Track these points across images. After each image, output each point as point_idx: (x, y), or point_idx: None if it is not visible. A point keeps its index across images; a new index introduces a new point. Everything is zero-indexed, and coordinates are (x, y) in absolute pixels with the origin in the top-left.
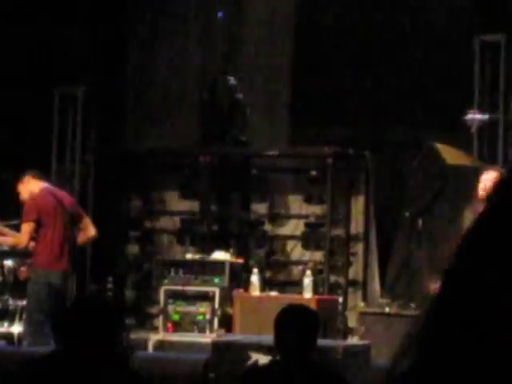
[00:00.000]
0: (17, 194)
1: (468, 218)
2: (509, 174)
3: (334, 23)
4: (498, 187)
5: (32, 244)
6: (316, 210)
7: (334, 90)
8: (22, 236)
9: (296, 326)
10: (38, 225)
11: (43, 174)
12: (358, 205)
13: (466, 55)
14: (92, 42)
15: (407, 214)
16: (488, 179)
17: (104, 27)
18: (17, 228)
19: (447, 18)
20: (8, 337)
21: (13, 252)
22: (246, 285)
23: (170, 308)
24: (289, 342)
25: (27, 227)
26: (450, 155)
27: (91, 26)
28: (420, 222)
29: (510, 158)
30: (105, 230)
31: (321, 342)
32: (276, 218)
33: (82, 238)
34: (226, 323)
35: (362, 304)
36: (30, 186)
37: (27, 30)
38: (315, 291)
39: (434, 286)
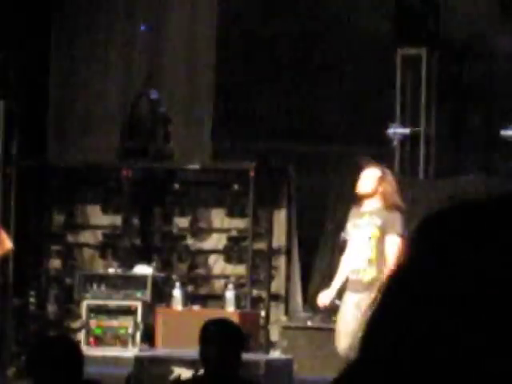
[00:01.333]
0: None
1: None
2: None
3: (256, 35)
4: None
5: None
6: (238, 223)
7: (257, 103)
8: None
9: (219, 339)
10: None
11: None
12: (280, 218)
13: (388, 69)
14: (13, 55)
15: (329, 227)
16: (363, 176)
17: (25, 41)
18: None
19: (370, 31)
20: None
21: None
22: (169, 299)
23: (93, 322)
24: (212, 356)
25: None
26: None
27: (13, 40)
28: (342, 235)
29: (430, 172)
30: (27, 244)
31: (243, 356)
32: (198, 231)
33: None
34: (149, 337)
35: (284, 318)
36: None
37: None
38: (237, 305)
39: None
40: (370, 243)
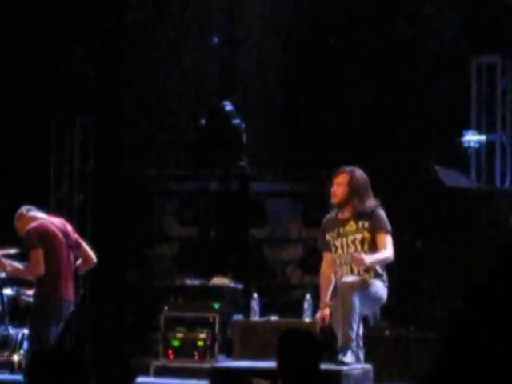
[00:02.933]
0: (14, 228)
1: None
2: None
3: (327, 46)
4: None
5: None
6: (315, 233)
7: (330, 112)
8: (37, 264)
9: (297, 350)
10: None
11: (40, 202)
12: None
13: (462, 77)
14: (88, 69)
15: (405, 236)
16: (334, 184)
17: (99, 55)
18: (17, 259)
19: (443, 40)
20: (8, 365)
21: (12, 280)
22: (246, 310)
23: (171, 334)
24: (290, 367)
25: (36, 255)
26: (449, 177)
27: (87, 55)
28: (419, 244)
29: (507, 179)
30: (104, 256)
31: (322, 366)
32: (275, 242)
33: (82, 265)
34: (227, 348)
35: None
36: (26, 220)
37: (25, 56)
38: (315, 315)
39: None
40: (364, 248)
